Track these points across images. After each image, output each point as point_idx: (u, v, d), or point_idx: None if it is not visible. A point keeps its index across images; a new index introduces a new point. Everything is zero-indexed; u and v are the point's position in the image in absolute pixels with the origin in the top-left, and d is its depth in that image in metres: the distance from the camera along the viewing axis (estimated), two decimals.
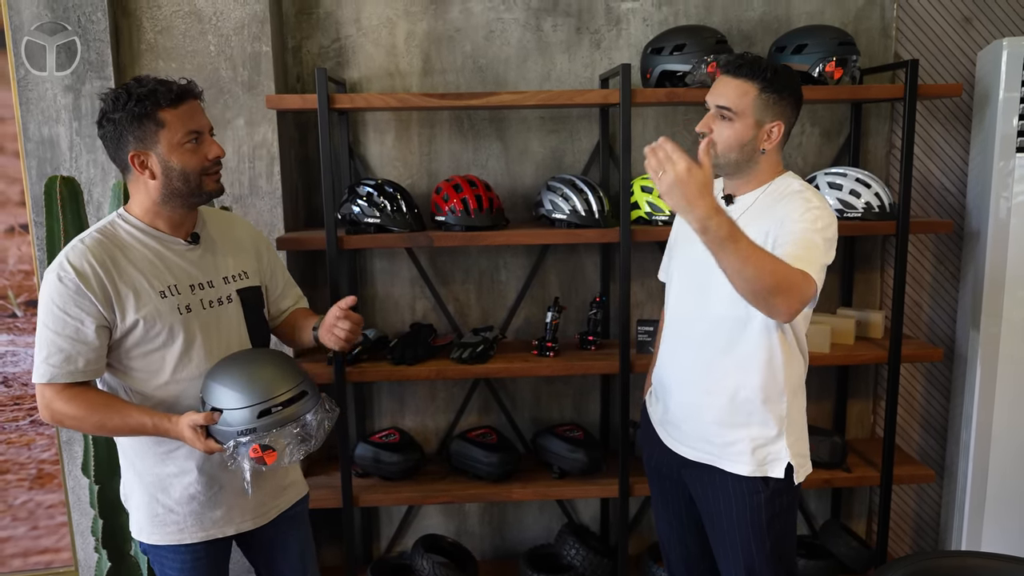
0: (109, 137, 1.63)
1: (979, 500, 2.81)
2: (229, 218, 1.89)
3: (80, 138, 2.45)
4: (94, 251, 1.60)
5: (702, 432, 1.88)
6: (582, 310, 2.87)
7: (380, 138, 2.77)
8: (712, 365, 1.84)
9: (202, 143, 1.64)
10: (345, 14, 2.69)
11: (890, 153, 2.85)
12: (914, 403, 3.02)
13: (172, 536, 1.73)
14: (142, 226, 1.67)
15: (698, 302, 1.86)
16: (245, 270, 1.81)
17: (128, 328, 1.61)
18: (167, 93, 1.58)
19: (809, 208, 1.70)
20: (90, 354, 1.59)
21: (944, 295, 2.96)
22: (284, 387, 1.60)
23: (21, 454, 2.65)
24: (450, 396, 2.93)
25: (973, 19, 2.80)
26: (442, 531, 2.97)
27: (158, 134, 1.59)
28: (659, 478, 2.05)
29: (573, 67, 2.76)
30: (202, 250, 1.74)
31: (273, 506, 1.84)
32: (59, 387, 1.59)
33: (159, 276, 1.65)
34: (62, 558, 2.71)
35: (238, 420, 1.56)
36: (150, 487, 1.72)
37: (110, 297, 1.59)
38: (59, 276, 1.57)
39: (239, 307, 1.77)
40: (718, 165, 1.79)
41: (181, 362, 1.66)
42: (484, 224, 2.50)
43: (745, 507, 1.83)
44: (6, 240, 2.54)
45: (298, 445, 1.61)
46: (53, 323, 1.58)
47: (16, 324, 2.59)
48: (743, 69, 1.74)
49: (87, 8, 2.39)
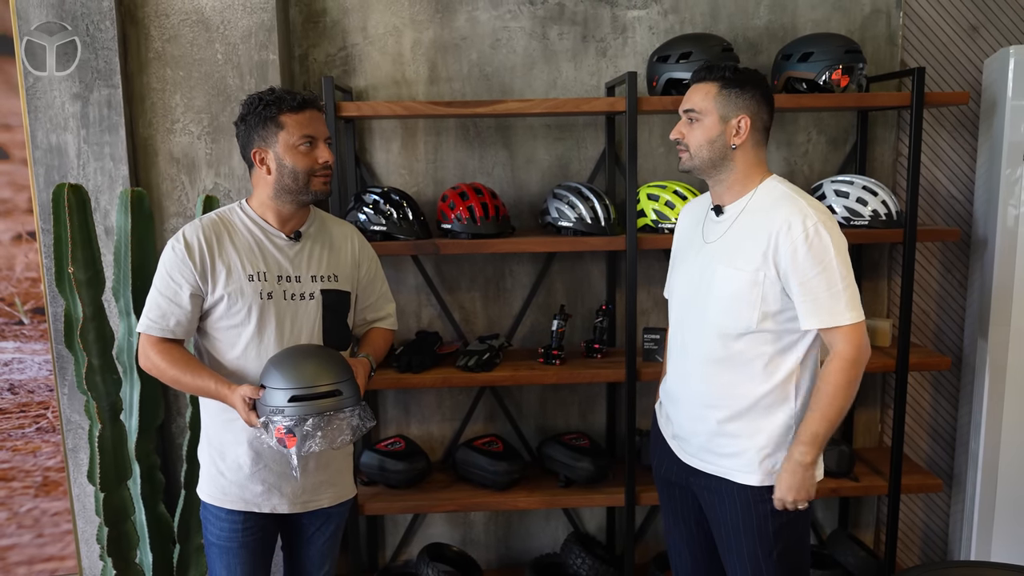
0: (241, 136, 1.84)
1: (988, 509, 2.79)
2: (341, 226, 2.02)
3: (88, 146, 2.45)
4: (205, 229, 1.82)
5: (708, 444, 1.87)
6: (588, 318, 2.87)
7: (386, 146, 2.78)
8: (714, 378, 1.85)
9: (315, 148, 1.81)
10: (352, 23, 2.70)
11: (897, 161, 2.85)
12: (922, 412, 3.01)
13: (216, 498, 1.89)
14: (254, 216, 1.87)
15: (697, 316, 1.88)
16: (336, 274, 1.92)
17: (215, 301, 1.80)
18: (291, 100, 1.78)
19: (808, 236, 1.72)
20: (181, 316, 1.79)
21: (952, 303, 2.95)
22: (320, 381, 1.71)
23: (27, 461, 2.65)
24: (456, 404, 2.93)
25: (980, 27, 2.80)
26: (447, 540, 2.96)
27: (277, 135, 1.78)
28: (668, 486, 2.04)
29: (579, 75, 2.76)
30: (300, 247, 1.88)
31: (312, 499, 1.94)
32: (154, 340, 1.80)
33: (252, 261, 1.83)
34: (67, 566, 2.71)
35: (273, 399, 1.70)
36: (213, 449, 1.89)
37: (207, 270, 1.80)
38: (172, 245, 1.81)
39: (319, 305, 1.88)
40: (695, 167, 1.85)
41: (252, 342, 1.82)
42: (490, 232, 2.50)
43: (752, 516, 1.82)
44: (13, 247, 2.55)
45: (318, 439, 1.69)
46: (160, 283, 1.81)
47: (23, 331, 2.59)
48: (702, 72, 1.85)
49: (95, 17, 2.40)
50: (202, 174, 2.55)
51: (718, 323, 1.82)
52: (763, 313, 1.76)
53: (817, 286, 1.72)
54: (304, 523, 1.99)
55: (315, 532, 2.01)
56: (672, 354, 2.00)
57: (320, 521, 2.00)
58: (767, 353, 1.79)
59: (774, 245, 1.74)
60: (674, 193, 2.54)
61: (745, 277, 1.77)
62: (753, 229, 1.79)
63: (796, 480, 1.77)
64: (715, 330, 1.83)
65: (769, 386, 1.80)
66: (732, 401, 1.83)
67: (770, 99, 1.84)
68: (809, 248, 1.71)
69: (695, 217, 2.00)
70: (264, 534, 1.94)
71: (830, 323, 1.73)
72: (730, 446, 1.83)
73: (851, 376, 1.75)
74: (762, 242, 1.75)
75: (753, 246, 1.77)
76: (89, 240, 2.14)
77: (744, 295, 1.77)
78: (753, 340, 1.79)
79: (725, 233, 1.84)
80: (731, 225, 1.84)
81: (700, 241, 1.92)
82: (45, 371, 2.61)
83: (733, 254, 1.80)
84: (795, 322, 1.78)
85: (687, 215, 2.06)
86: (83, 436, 2.56)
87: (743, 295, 1.77)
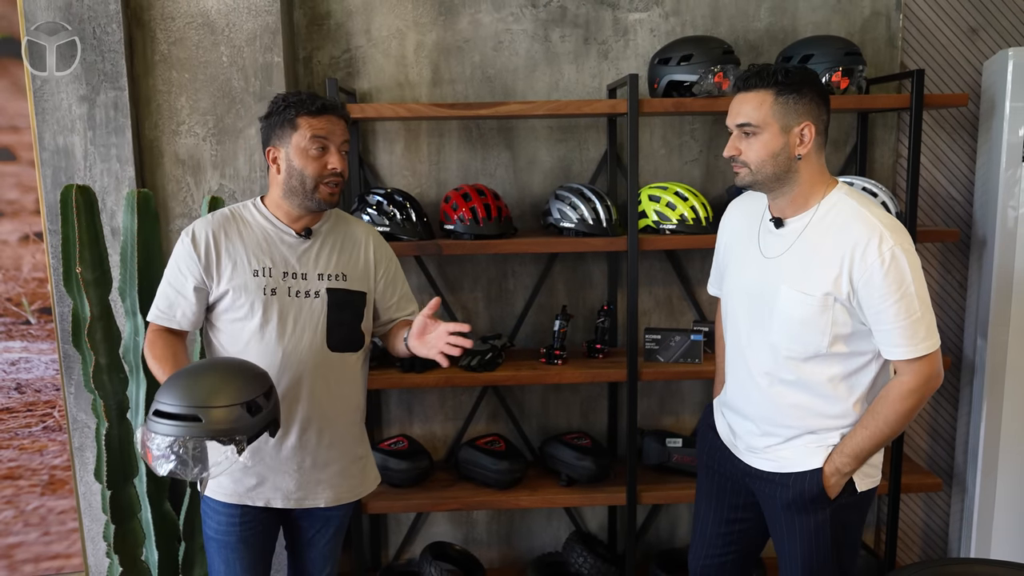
0: (263, 133, 1.86)
1: (988, 509, 2.80)
2: (358, 226, 2.00)
3: (94, 147, 2.48)
4: (215, 223, 1.85)
5: (773, 454, 1.83)
6: (589, 318, 2.89)
7: (389, 147, 2.80)
8: (782, 399, 1.79)
9: (326, 153, 1.81)
10: (355, 25, 2.72)
11: (897, 162, 2.86)
12: (922, 412, 3.02)
13: (212, 489, 1.89)
14: (266, 212, 1.89)
15: (760, 336, 1.79)
16: (346, 273, 1.91)
17: (220, 294, 1.83)
18: (311, 103, 1.79)
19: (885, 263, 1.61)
20: (186, 308, 1.83)
21: (951, 303, 2.96)
22: (177, 401, 1.58)
23: (33, 460, 2.68)
24: (458, 404, 2.95)
25: (979, 29, 2.81)
26: (450, 539, 2.97)
27: (291, 136, 1.80)
28: (716, 476, 1.99)
29: (581, 77, 2.78)
30: (310, 245, 1.89)
31: (307, 497, 1.92)
32: (158, 328, 1.85)
33: (259, 256, 1.84)
34: (73, 564, 2.73)
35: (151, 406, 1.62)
36: None
37: (212, 264, 1.82)
38: (183, 238, 1.84)
39: (324, 304, 1.87)
40: (755, 183, 1.73)
41: (255, 337, 1.83)
42: (493, 232, 2.52)
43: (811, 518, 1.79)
44: (21, 248, 2.58)
45: (172, 460, 1.58)
46: (169, 274, 1.85)
47: (30, 331, 2.62)
48: (752, 80, 1.70)
49: (102, 20, 2.43)
50: (207, 175, 2.58)
51: (784, 346, 1.74)
52: (834, 337, 1.69)
53: (895, 315, 1.63)
54: (304, 525, 1.99)
55: (315, 535, 2.01)
56: (732, 368, 1.92)
57: (319, 524, 2.00)
58: (839, 374, 1.73)
59: (848, 270, 1.64)
60: (675, 194, 2.56)
61: (814, 302, 1.67)
62: (822, 249, 1.68)
63: (831, 483, 1.76)
64: (781, 353, 1.75)
65: (844, 407, 1.75)
66: (805, 421, 1.78)
67: (827, 97, 1.72)
68: (885, 275, 1.61)
69: (749, 217, 1.88)
70: (263, 528, 1.94)
71: (909, 355, 1.65)
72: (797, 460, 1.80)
73: (913, 406, 1.68)
74: (834, 265, 1.65)
75: (822, 269, 1.66)
76: (96, 240, 2.16)
77: (813, 320, 1.68)
78: (823, 362, 1.72)
79: (788, 250, 1.73)
80: (794, 242, 1.72)
81: (757, 252, 1.81)
82: (52, 371, 2.63)
83: (800, 276, 1.70)
84: (867, 342, 1.71)
85: (737, 213, 1.95)
86: (89, 435, 2.58)
87: (812, 320, 1.68)
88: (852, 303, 1.67)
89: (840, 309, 1.67)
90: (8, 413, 2.65)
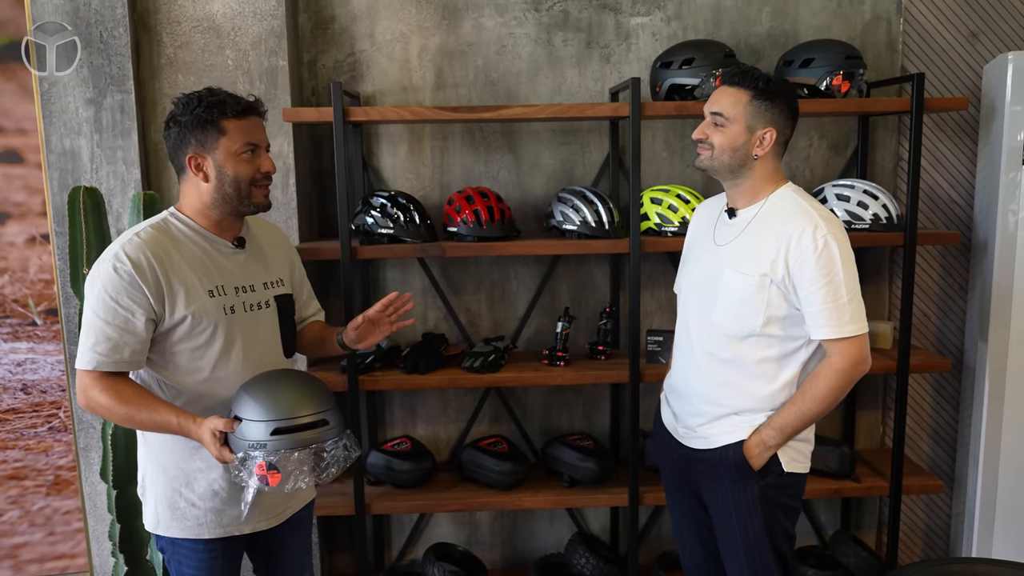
0: (172, 138, 1.70)
1: (989, 510, 2.81)
2: (268, 226, 1.96)
3: (101, 150, 2.50)
4: (150, 245, 1.66)
5: (707, 430, 1.94)
6: (591, 320, 2.90)
7: (393, 150, 2.82)
8: (718, 377, 1.91)
9: (257, 156, 1.72)
10: (360, 29, 2.75)
11: (897, 165, 2.88)
12: (923, 414, 3.03)
13: (191, 530, 1.76)
14: (194, 225, 1.73)
15: (703, 316, 1.93)
16: (282, 277, 1.88)
17: (176, 322, 1.66)
18: (234, 105, 1.68)
19: (817, 247, 1.75)
20: (136, 345, 1.63)
21: (952, 306, 2.98)
22: (304, 411, 1.60)
23: (39, 460, 2.69)
24: (461, 405, 2.96)
25: (979, 34, 2.83)
26: (452, 540, 2.98)
27: (218, 141, 1.67)
28: (674, 479, 2.09)
29: (583, 81, 2.80)
30: (247, 255, 1.80)
31: (287, 508, 1.90)
32: (99, 375, 1.63)
33: (208, 275, 1.71)
34: (77, 564, 2.75)
35: (252, 433, 1.56)
36: (174, 480, 1.75)
37: (162, 291, 1.64)
38: (115, 267, 1.62)
39: (275, 313, 1.83)
40: (711, 168, 1.88)
41: (220, 361, 1.72)
42: (496, 235, 2.54)
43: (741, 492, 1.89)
44: (27, 250, 2.60)
45: (306, 473, 1.59)
46: (104, 312, 1.61)
47: (36, 332, 2.64)
48: (737, 78, 1.84)
49: (109, 24, 2.45)
50: None
51: (723, 325, 1.87)
52: (768, 317, 1.81)
53: (823, 297, 1.76)
54: (275, 534, 1.89)
55: (286, 540, 1.92)
56: (678, 350, 2.05)
57: (291, 528, 1.92)
58: (771, 356, 1.85)
59: (784, 254, 1.78)
60: (677, 197, 2.58)
61: (752, 282, 1.81)
62: (763, 236, 1.83)
63: (754, 454, 1.86)
64: (720, 331, 1.88)
65: (771, 388, 1.87)
66: (734, 400, 1.89)
67: (796, 112, 1.88)
68: (817, 260, 1.75)
69: (709, 217, 2.03)
70: (234, 558, 1.85)
71: (833, 335, 1.78)
72: (727, 433, 1.90)
73: (839, 385, 1.80)
74: (771, 250, 1.80)
75: (762, 253, 1.81)
76: (104, 241, 2.17)
77: (750, 299, 1.82)
78: (757, 343, 1.84)
79: (736, 238, 1.89)
80: (743, 230, 1.88)
81: (712, 242, 1.96)
82: (57, 371, 2.65)
83: (742, 259, 1.85)
84: (800, 328, 1.83)
85: (702, 213, 2.10)
86: (94, 435, 2.60)
87: (749, 299, 1.82)
88: (787, 286, 1.79)
89: (775, 291, 1.80)
90: (14, 414, 2.66)
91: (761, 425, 1.87)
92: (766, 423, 1.86)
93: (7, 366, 2.64)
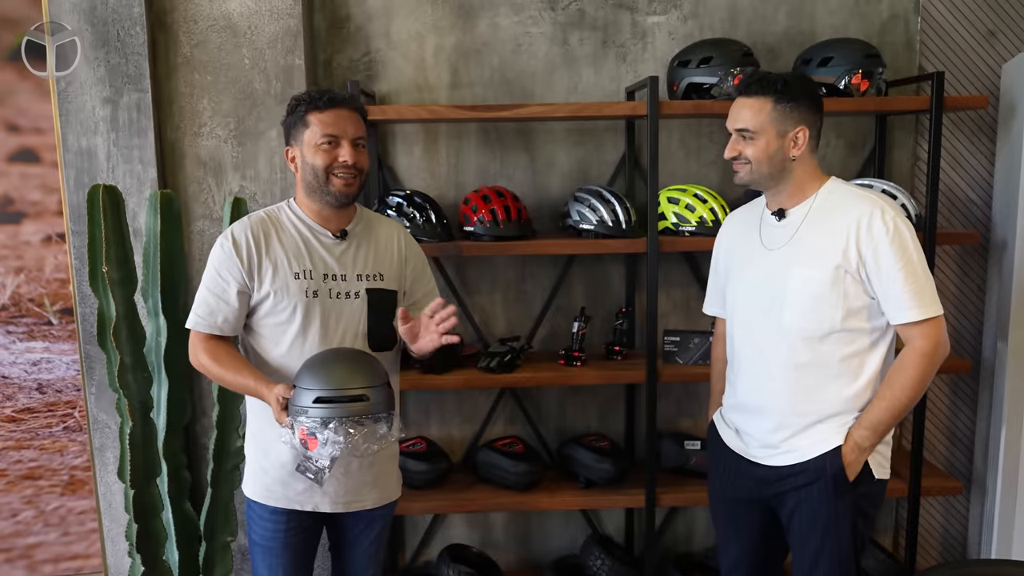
0: (285, 136, 1.87)
1: (1008, 513, 2.79)
2: (387, 224, 2.02)
3: (117, 149, 2.50)
4: (253, 226, 1.84)
5: (791, 444, 1.87)
6: (607, 320, 2.89)
7: (408, 150, 2.81)
8: (799, 383, 1.84)
9: (337, 146, 1.80)
10: (375, 28, 2.74)
11: (915, 165, 2.86)
12: (940, 415, 3.01)
13: (260, 494, 1.90)
14: (300, 214, 1.89)
15: (773, 323, 1.86)
16: (382, 272, 1.92)
17: (262, 298, 1.83)
18: (319, 99, 1.80)
19: (889, 231, 1.73)
20: (229, 313, 1.82)
21: (970, 306, 2.96)
22: (348, 384, 1.68)
23: (54, 460, 2.69)
24: (476, 406, 2.95)
25: (997, 32, 2.81)
26: (467, 541, 2.97)
27: (304, 133, 1.81)
28: (733, 505, 2.02)
29: (599, 80, 2.79)
30: (347, 246, 1.89)
31: (355, 500, 1.93)
32: (202, 336, 1.83)
33: (299, 259, 1.84)
34: (92, 564, 2.74)
35: (300, 399, 1.68)
36: (257, 446, 1.91)
37: (254, 267, 1.82)
38: (221, 242, 1.83)
39: (364, 304, 1.88)
40: (753, 181, 1.86)
41: (297, 340, 1.83)
42: (512, 234, 2.53)
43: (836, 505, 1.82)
44: (43, 249, 2.59)
45: (341, 444, 1.65)
46: (208, 280, 1.83)
47: (51, 332, 2.63)
48: (754, 87, 1.82)
49: (126, 22, 2.45)
50: (228, 177, 2.59)
51: (798, 326, 1.81)
52: (847, 310, 1.77)
53: (904, 279, 1.73)
54: (348, 524, 1.99)
55: (359, 535, 2.00)
56: (744, 366, 1.96)
57: (363, 523, 1.99)
58: (853, 352, 1.80)
59: (855, 241, 1.75)
60: (694, 196, 2.57)
61: (825, 276, 1.77)
62: (826, 228, 1.79)
63: (851, 459, 1.80)
64: (795, 334, 1.82)
65: (857, 387, 1.82)
66: (819, 406, 1.83)
67: (821, 103, 1.85)
68: (891, 243, 1.73)
69: (745, 225, 1.99)
70: (308, 535, 1.94)
71: (917, 316, 1.73)
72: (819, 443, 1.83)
73: (926, 370, 1.76)
74: (840, 239, 1.76)
75: (830, 244, 1.77)
76: (122, 240, 2.17)
77: (826, 295, 1.77)
78: (839, 340, 1.80)
79: (793, 236, 1.84)
80: (799, 228, 1.84)
81: (760, 248, 1.91)
82: (73, 371, 2.65)
83: (809, 255, 1.80)
84: (878, 318, 1.79)
85: (735, 225, 2.05)
86: (109, 435, 2.59)
87: (825, 295, 1.78)
88: (861, 274, 1.76)
89: (851, 281, 1.76)
90: (29, 413, 2.66)
91: (852, 427, 1.81)
92: (857, 423, 1.80)
93: (23, 365, 2.63)
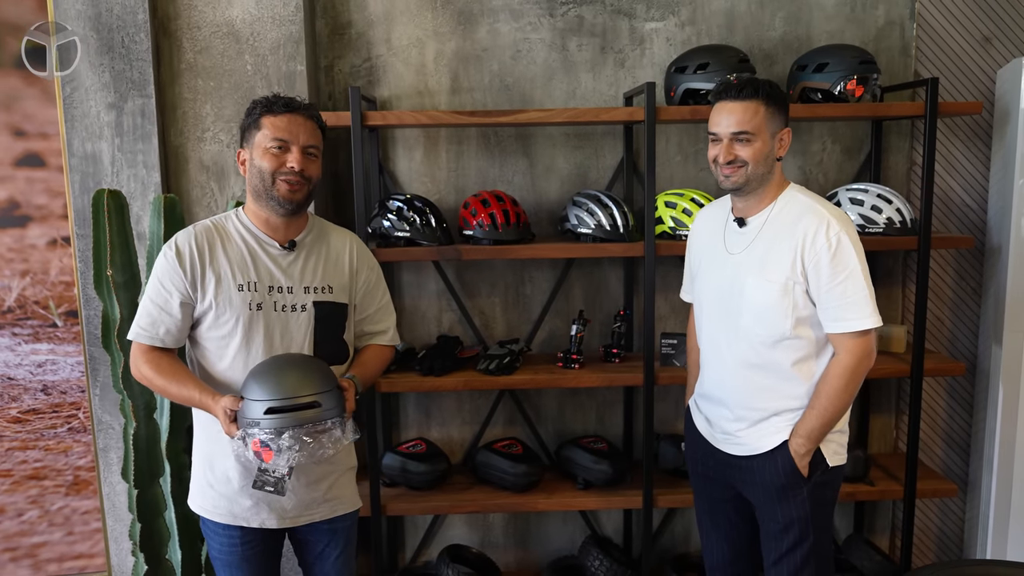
0: (240, 139, 1.87)
1: (1003, 515, 2.81)
2: (340, 234, 1.97)
3: (122, 153, 2.53)
4: (198, 236, 1.81)
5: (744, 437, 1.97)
6: (605, 323, 2.91)
7: (409, 154, 2.84)
8: (751, 382, 1.94)
9: (287, 151, 1.79)
10: (376, 34, 2.77)
11: (911, 170, 2.89)
12: (936, 418, 3.03)
13: (207, 510, 1.87)
14: (248, 224, 1.86)
15: (731, 325, 1.96)
16: (331, 285, 1.88)
17: (204, 309, 1.79)
18: (275, 103, 1.81)
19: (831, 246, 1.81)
20: (171, 325, 1.78)
21: (966, 310, 2.98)
22: (298, 392, 1.66)
23: (58, 460, 2.72)
24: (475, 408, 2.98)
25: (992, 38, 2.84)
26: (466, 541, 3.00)
27: (255, 135, 1.81)
28: (707, 482, 2.12)
29: (597, 86, 2.82)
30: (295, 257, 1.86)
31: (305, 514, 1.89)
32: (144, 348, 1.79)
33: (244, 270, 1.81)
34: (96, 563, 2.77)
35: (250, 411, 1.66)
36: (203, 459, 1.87)
37: (197, 278, 1.78)
38: (165, 252, 1.80)
39: (311, 317, 1.85)
40: (748, 182, 1.91)
41: (240, 353, 1.80)
42: (511, 238, 2.56)
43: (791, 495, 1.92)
44: (48, 252, 2.63)
45: (296, 452, 1.63)
46: (151, 291, 1.80)
47: (56, 334, 2.67)
48: (746, 91, 1.86)
49: (130, 29, 2.48)
50: (231, 181, 2.62)
51: (753, 331, 1.91)
52: (796, 319, 1.86)
53: (840, 293, 1.82)
54: (311, 539, 1.95)
55: (325, 548, 1.96)
56: (707, 359, 2.07)
57: (326, 537, 1.95)
58: (802, 357, 1.90)
59: (800, 254, 1.83)
60: (691, 201, 2.59)
61: (777, 288, 1.86)
62: (779, 240, 1.87)
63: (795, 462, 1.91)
64: (751, 338, 1.92)
65: (808, 386, 1.91)
66: (772, 403, 1.93)
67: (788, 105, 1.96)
68: (832, 258, 1.81)
69: (714, 223, 2.07)
70: (265, 547, 1.91)
71: (846, 328, 1.83)
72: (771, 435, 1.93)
73: (849, 381, 1.85)
74: (788, 253, 1.85)
75: (780, 257, 1.86)
76: (127, 243, 2.20)
77: (777, 304, 1.86)
78: (789, 346, 1.89)
79: (750, 244, 1.93)
80: (755, 237, 1.92)
81: (723, 251, 1.99)
82: (77, 372, 2.68)
83: (762, 265, 1.89)
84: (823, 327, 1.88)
85: (704, 221, 2.13)
86: (113, 436, 2.63)
87: (776, 304, 1.86)
88: (807, 284, 1.85)
89: (799, 293, 1.85)
90: (34, 414, 2.69)
91: (790, 439, 1.91)
92: (792, 433, 1.91)
93: (28, 367, 2.67)
